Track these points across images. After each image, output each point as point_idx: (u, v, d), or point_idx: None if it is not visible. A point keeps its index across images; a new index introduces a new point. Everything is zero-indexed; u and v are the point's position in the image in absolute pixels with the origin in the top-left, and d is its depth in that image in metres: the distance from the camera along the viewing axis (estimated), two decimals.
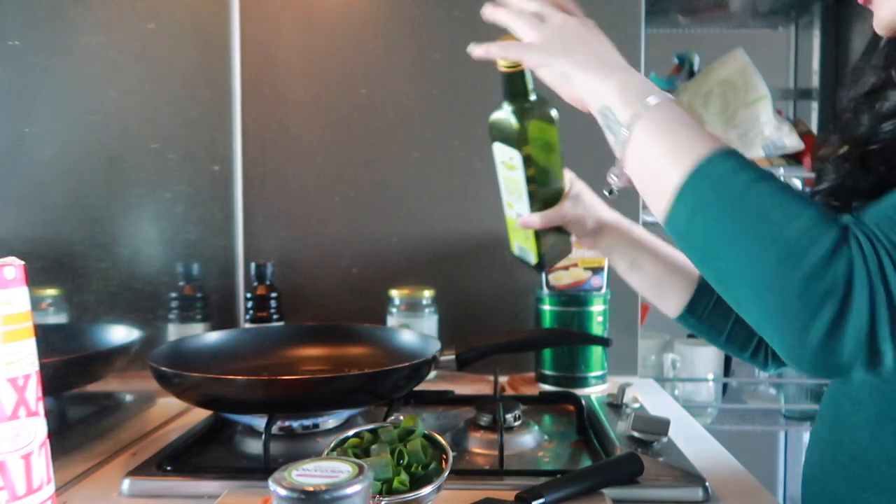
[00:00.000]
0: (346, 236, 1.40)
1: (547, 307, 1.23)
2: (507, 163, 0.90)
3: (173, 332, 1.20)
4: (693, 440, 0.95)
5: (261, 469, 0.81)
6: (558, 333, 1.20)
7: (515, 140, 0.88)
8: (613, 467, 0.78)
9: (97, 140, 1.00)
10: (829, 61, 1.87)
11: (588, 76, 0.69)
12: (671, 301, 0.93)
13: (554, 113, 0.89)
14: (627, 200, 1.36)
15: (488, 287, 1.38)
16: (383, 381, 0.88)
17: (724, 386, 1.76)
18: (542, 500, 0.68)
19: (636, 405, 1.06)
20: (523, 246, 0.94)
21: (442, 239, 1.34)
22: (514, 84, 0.89)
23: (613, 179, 0.73)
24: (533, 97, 0.88)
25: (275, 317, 1.28)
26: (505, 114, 0.88)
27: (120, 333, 1.00)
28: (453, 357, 0.99)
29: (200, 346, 1.06)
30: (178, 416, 1.08)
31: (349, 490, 0.39)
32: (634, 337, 1.38)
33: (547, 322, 1.23)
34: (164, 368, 0.86)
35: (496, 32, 0.86)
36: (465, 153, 1.38)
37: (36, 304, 0.82)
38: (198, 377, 0.85)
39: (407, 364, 0.89)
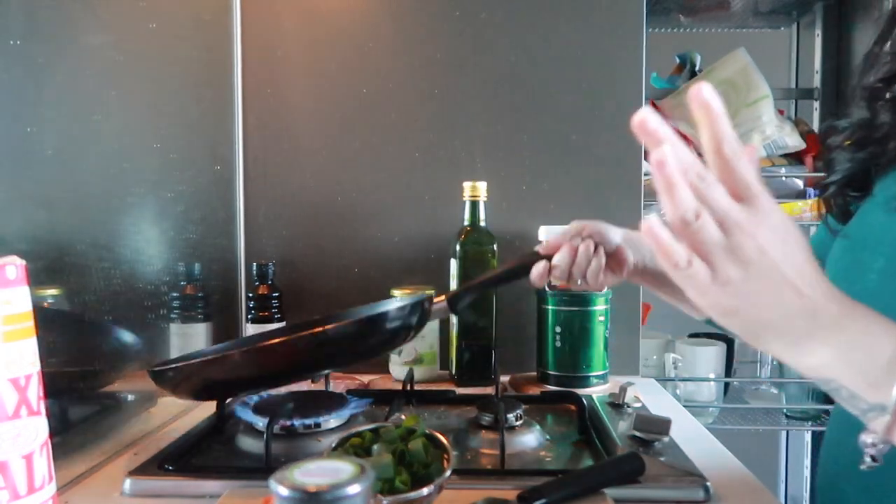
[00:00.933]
0: (347, 236, 1.40)
1: (549, 307, 1.23)
2: None
3: (175, 331, 1.20)
4: (694, 440, 0.95)
5: (262, 469, 0.81)
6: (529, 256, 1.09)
7: None
8: (615, 467, 0.78)
9: (98, 139, 1.00)
10: (831, 61, 1.87)
11: (798, 345, 0.53)
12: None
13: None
14: (629, 202, 1.36)
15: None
16: (382, 324, 0.87)
17: (726, 385, 1.76)
18: (543, 500, 0.68)
19: (637, 405, 1.06)
20: None
21: (443, 239, 1.34)
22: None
23: (872, 449, 0.54)
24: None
25: (276, 316, 1.28)
26: None
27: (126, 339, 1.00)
28: (444, 301, 0.96)
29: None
30: (179, 416, 1.08)
31: (351, 490, 0.39)
32: (636, 336, 1.38)
33: (549, 321, 1.23)
34: (157, 368, 0.87)
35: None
36: (466, 153, 1.38)
37: (37, 303, 0.82)
38: (193, 363, 0.85)
39: (401, 305, 0.88)
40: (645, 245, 0.90)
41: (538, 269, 0.88)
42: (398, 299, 1.12)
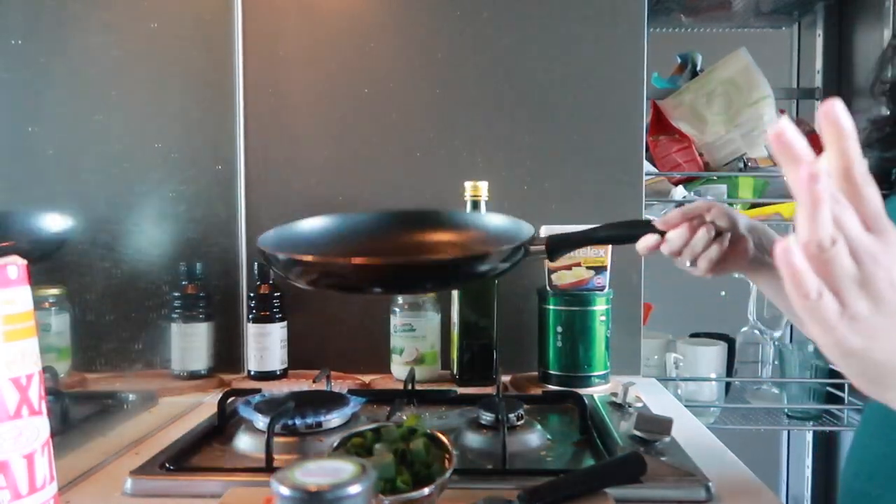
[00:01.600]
0: None
1: (550, 307, 1.23)
2: None
3: (176, 331, 1.20)
4: (696, 439, 0.95)
5: (263, 468, 0.81)
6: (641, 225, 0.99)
7: None
8: (616, 467, 0.77)
9: (100, 139, 1.00)
10: (832, 61, 1.87)
11: None
12: None
13: None
14: (630, 202, 1.36)
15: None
16: (481, 263, 0.87)
17: (727, 385, 1.76)
18: (544, 500, 0.68)
19: (639, 404, 1.06)
20: None
21: None
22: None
23: None
24: None
25: (277, 316, 1.28)
26: None
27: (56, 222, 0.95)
28: (544, 247, 0.91)
29: (304, 232, 1.03)
30: (180, 416, 1.08)
31: (352, 489, 0.39)
32: (637, 336, 1.38)
33: (550, 321, 1.23)
34: (298, 256, 0.85)
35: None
36: (467, 153, 1.37)
37: (38, 303, 0.82)
38: (339, 262, 0.85)
39: (501, 248, 0.86)
40: (766, 238, 0.84)
41: (648, 240, 0.83)
42: (499, 216, 1.08)
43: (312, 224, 1.03)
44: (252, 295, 1.28)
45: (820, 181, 0.42)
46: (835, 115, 0.44)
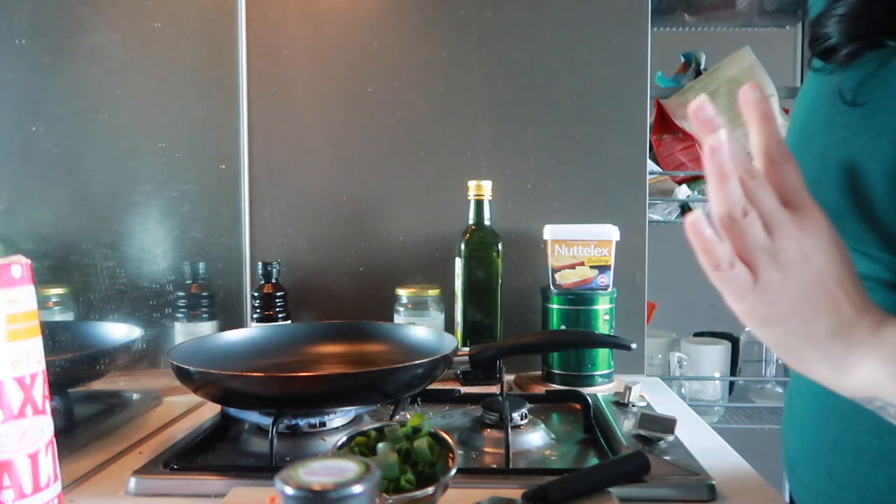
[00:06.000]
0: (352, 235, 1.39)
1: (554, 306, 1.23)
2: None
3: (180, 330, 1.20)
4: (699, 438, 0.95)
5: (267, 468, 0.81)
6: (578, 335, 1.16)
7: None
8: (620, 466, 0.77)
9: (104, 139, 1.00)
10: None
11: (836, 360, 0.50)
12: None
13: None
14: (634, 201, 1.35)
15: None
16: (397, 378, 0.88)
17: (731, 384, 1.76)
18: (548, 500, 0.68)
19: (643, 404, 1.06)
20: None
21: (448, 238, 1.34)
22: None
23: None
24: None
25: (281, 315, 1.28)
26: None
27: (122, 331, 1.00)
28: (467, 357, 0.98)
29: (220, 344, 1.06)
30: (184, 415, 1.09)
31: (356, 489, 0.39)
32: (641, 336, 1.37)
33: (554, 320, 1.23)
34: (184, 365, 0.86)
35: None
36: (471, 151, 1.37)
37: (42, 302, 0.82)
38: (217, 373, 0.85)
39: (420, 362, 0.88)
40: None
41: None
42: (423, 328, 1.13)
43: (230, 337, 1.09)
44: (256, 294, 1.28)
45: (722, 152, 0.45)
46: (755, 97, 0.47)
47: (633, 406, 1.04)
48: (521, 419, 0.93)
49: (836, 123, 0.62)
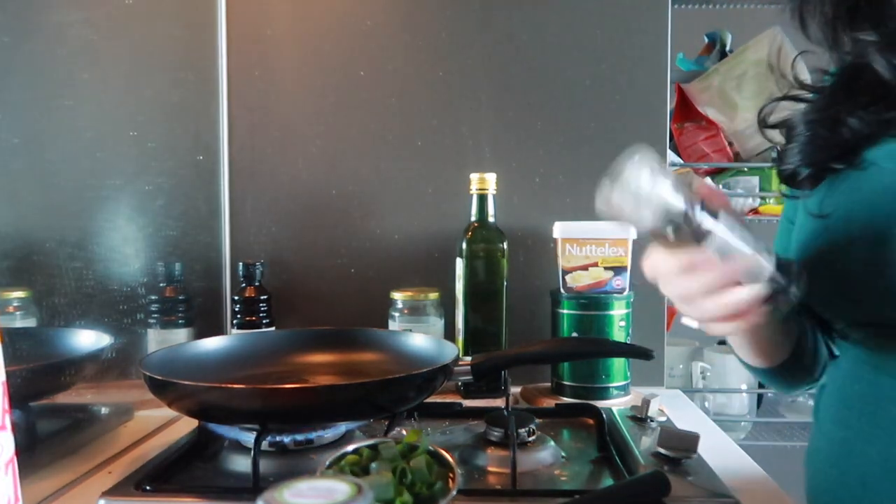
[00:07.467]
0: (342, 233, 1.40)
1: (564, 311, 1.23)
2: None
3: (153, 337, 1.20)
4: (725, 457, 0.95)
5: (249, 489, 0.81)
6: (591, 343, 1.15)
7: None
8: (637, 487, 0.77)
9: (70, 127, 1.00)
10: None
11: None
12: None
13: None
14: None
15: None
16: (392, 390, 0.88)
17: (759, 397, 1.76)
18: None
19: (662, 419, 1.06)
20: None
21: (448, 236, 1.34)
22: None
23: None
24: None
25: (265, 321, 1.28)
26: None
27: (90, 339, 1.00)
28: (469, 367, 0.98)
29: (197, 353, 1.06)
30: (158, 431, 1.08)
31: None
32: (660, 344, 1.38)
33: (565, 327, 1.23)
34: (158, 376, 0.86)
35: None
36: (473, 141, 1.38)
37: (2, 307, 0.82)
38: (194, 385, 0.84)
39: (418, 372, 0.88)
40: None
41: None
42: (421, 336, 1.13)
43: (209, 345, 1.09)
44: (237, 298, 1.28)
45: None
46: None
47: (652, 421, 1.04)
48: (529, 435, 0.93)
49: None
